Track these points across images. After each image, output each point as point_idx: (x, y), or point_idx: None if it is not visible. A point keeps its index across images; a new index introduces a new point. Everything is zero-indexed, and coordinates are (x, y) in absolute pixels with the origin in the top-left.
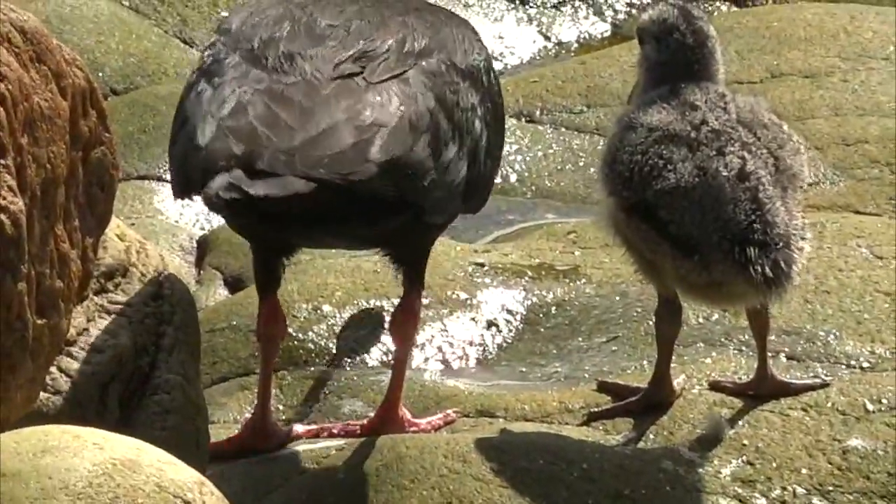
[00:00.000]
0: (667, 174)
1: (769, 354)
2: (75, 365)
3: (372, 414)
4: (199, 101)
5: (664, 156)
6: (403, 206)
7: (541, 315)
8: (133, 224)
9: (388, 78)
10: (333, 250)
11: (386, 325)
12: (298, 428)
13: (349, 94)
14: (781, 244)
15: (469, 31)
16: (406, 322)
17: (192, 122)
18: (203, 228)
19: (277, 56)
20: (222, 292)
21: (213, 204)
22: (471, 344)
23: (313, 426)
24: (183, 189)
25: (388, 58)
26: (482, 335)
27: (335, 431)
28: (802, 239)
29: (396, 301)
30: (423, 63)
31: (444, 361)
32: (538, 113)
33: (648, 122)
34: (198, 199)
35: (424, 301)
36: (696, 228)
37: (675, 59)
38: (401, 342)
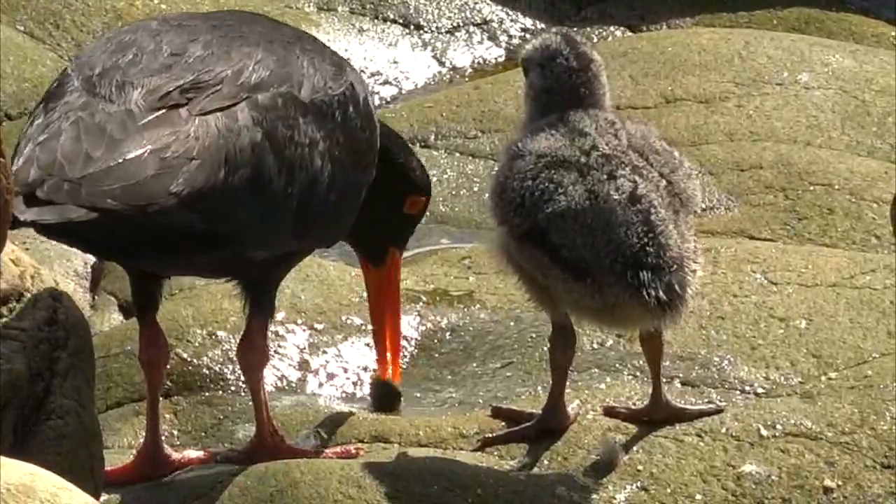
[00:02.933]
0: (557, 198)
1: (664, 380)
2: None
3: None
4: (31, 125)
5: (554, 180)
6: (218, 239)
7: (435, 340)
8: (28, 249)
9: (212, 110)
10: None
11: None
12: (191, 454)
13: (164, 125)
14: (675, 267)
15: (328, 65)
16: (247, 353)
17: (20, 146)
18: None
19: (111, 84)
20: (117, 317)
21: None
22: (365, 369)
23: (205, 452)
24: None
25: (220, 90)
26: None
27: (218, 458)
28: (695, 262)
29: (292, 326)
30: (258, 96)
31: (339, 387)
32: (433, 138)
33: (536, 148)
34: None
35: (319, 326)
36: (587, 252)
37: (560, 84)
38: (245, 372)
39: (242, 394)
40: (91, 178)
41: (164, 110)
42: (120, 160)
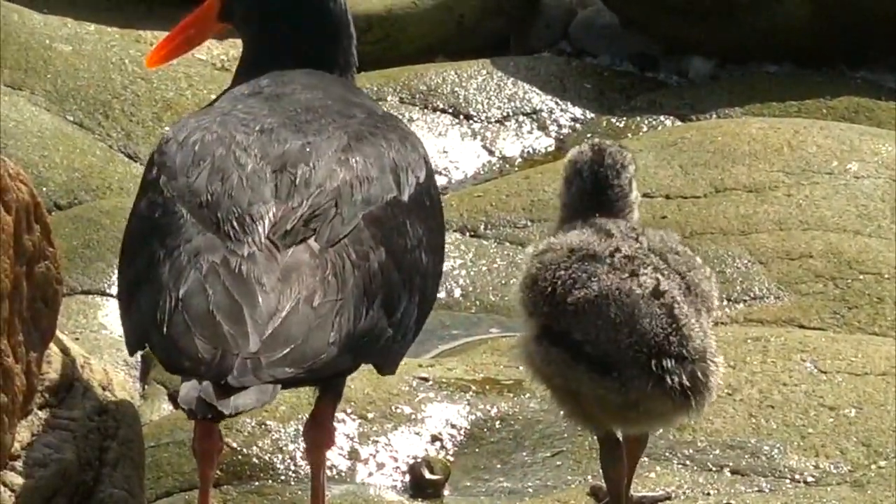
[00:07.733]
0: (590, 286)
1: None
2: (19, 479)
3: None
4: (154, 266)
5: (587, 271)
6: (358, 367)
7: (485, 430)
8: (77, 339)
9: (340, 238)
10: None
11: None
12: None
13: (304, 267)
14: (698, 357)
15: (409, 149)
16: (313, 432)
17: (150, 292)
18: None
19: (228, 217)
20: (166, 407)
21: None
22: (415, 458)
23: None
24: (137, 350)
25: (340, 214)
26: (426, 449)
27: None
28: (718, 357)
29: (342, 415)
30: (372, 210)
31: (388, 476)
32: (482, 227)
33: (569, 243)
34: None
35: (369, 415)
36: (611, 346)
37: (580, 202)
38: (309, 452)
39: (292, 483)
40: (265, 348)
41: (294, 247)
42: (278, 321)
